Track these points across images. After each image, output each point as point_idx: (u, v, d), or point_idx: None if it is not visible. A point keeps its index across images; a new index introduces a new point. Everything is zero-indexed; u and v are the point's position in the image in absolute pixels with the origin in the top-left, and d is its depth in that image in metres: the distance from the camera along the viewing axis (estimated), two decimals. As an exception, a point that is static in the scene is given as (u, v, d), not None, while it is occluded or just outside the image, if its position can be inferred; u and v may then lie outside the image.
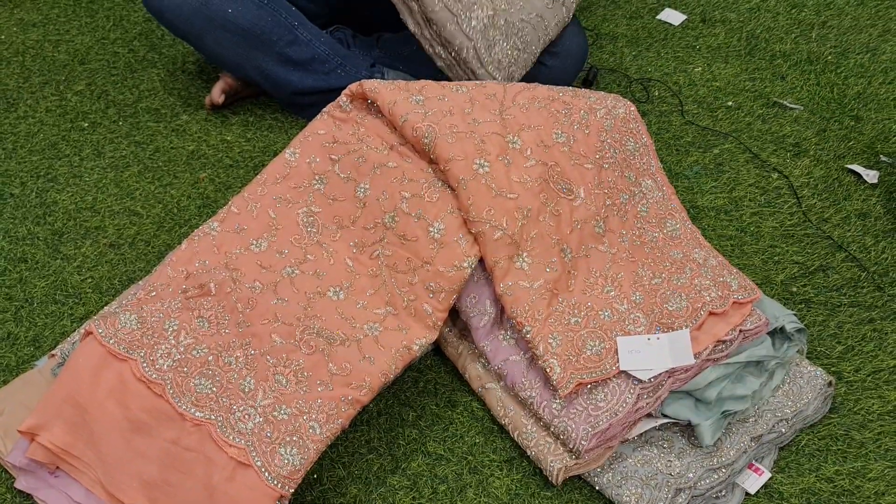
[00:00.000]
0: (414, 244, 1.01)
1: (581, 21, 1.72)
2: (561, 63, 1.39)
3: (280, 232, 1.05)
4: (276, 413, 0.90)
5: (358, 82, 1.11)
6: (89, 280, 1.20)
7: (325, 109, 1.13)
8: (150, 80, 1.56)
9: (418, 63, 1.39)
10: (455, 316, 1.07)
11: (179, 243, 1.06)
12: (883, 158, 1.39)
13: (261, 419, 0.89)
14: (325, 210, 1.07)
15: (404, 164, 1.04)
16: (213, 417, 0.89)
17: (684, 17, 1.73)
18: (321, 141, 1.09)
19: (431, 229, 1.00)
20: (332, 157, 1.08)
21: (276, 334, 0.95)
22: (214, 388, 0.91)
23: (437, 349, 1.10)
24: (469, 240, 1.00)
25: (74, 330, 1.11)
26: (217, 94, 1.46)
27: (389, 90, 1.08)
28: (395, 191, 1.03)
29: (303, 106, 1.45)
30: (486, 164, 1.02)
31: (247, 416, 0.89)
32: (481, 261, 1.01)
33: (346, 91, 1.12)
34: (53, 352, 1.05)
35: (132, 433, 0.89)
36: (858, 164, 1.38)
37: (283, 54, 1.39)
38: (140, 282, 1.13)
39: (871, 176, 1.35)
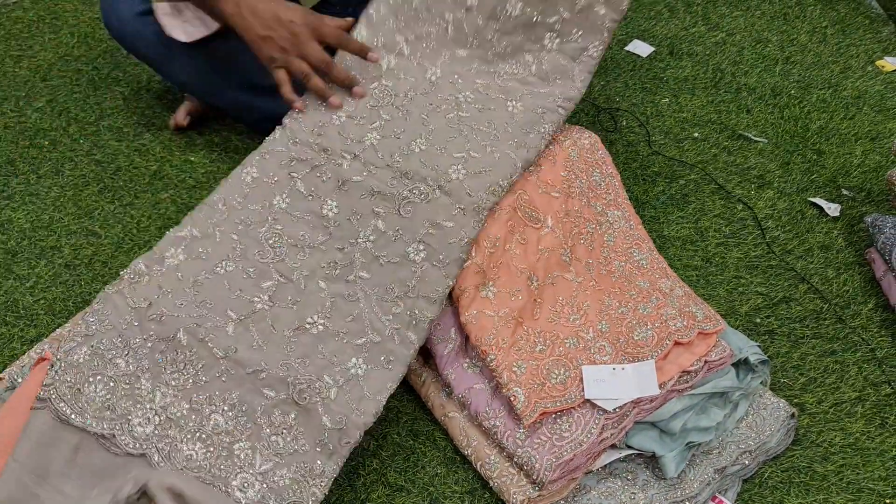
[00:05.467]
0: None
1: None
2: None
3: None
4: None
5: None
6: (42, 301, 1.16)
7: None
8: (113, 99, 1.53)
9: None
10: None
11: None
12: (844, 192, 1.41)
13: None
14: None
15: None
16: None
17: (652, 49, 1.75)
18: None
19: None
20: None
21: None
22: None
23: (400, 377, 1.08)
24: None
25: (25, 353, 1.07)
26: (182, 116, 1.44)
27: None
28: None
29: (269, 131, 1.43)
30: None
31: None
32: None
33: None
34: (1, 375, 1.00)
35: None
36: (821, 197, 1.39)
37: (247, 81, 1.37)
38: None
39: (832, 209, 1.37)
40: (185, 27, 1.27)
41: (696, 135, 1.52)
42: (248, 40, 1.09)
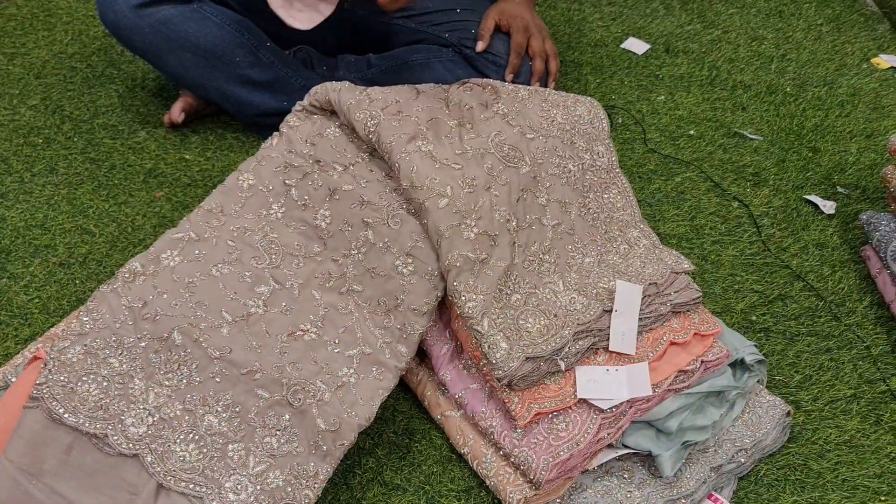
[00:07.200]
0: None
1: (546, 48, 1.72)
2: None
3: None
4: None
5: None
6: (36, 300, 1.15)
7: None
8: (107, 96, 1.53)
9: (382, 85, 1.38)
10: (415, 342, 1.05)
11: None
12: (840, 189, 1.41)
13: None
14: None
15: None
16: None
17: (648, 46, 1.75)
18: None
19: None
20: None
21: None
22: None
23: (396, 375, 1.07)
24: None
25: (18, 352, 1.07)
26: (177, 112, 1.44)
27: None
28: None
29: (265, 127, 1.43)
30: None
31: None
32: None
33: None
34: (-5, 375, 1.00)
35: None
36: (816, 194, 1.40)
37: (244, 76, 1.37)
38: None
39: (828, 207, 1.37)
40: (301, 15, 1.26)
41: (691, 132, 1.52)
42: None
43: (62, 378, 0.87)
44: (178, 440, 0.86)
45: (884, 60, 1.73)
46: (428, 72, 1.41)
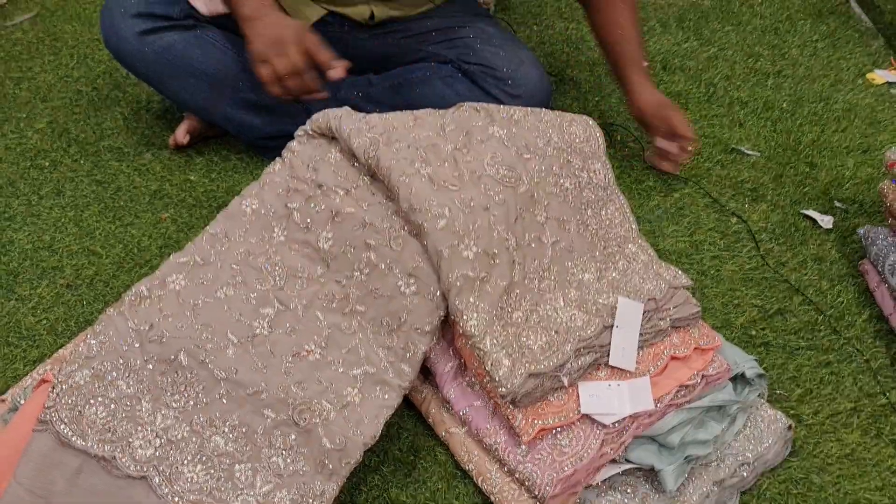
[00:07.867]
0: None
1: (544, 66, 1.75)
2: (524, 106, 1.41)
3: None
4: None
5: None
6: (44, 322, 1.17)
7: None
8: (113, 119, 1.55)
9: (387, 105, 1.40)
10: (419, 359, 1.06)
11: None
12: (837, 204, 1.43)
13: None
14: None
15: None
16: None
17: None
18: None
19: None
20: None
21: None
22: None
23: (400, 393, 1.08)
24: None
25: (27, 374, 1.08)
26: (181, 134, 1.46)
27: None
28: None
29: (268, 148, 1.44)
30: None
31: None
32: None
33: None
34: (4, 396, 1.01)
35: None
36: (814, 209, 1.41)
37: (247, 99, 1.39)
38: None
39: (825, 221, 1.38)
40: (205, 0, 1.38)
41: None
42: (248, 38, 1.23)
43: (70, 401, 0.88)
44: (185, 461, 0.87)
45: (879, 76, 1.75)
46: (428, 87, 1.43)
